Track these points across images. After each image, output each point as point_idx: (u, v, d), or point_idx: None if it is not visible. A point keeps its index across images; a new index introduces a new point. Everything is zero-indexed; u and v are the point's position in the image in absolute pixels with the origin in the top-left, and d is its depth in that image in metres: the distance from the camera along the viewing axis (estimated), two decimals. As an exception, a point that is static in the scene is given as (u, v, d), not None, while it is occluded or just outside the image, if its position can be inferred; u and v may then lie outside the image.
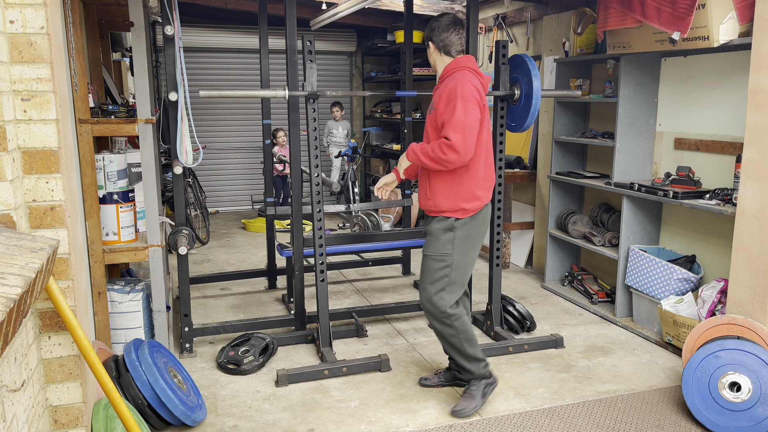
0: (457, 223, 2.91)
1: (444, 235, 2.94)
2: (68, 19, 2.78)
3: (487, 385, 3.04)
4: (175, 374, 2.87)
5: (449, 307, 2.93)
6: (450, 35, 2.93)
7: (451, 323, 2.95)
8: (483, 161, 2.94)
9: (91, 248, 3.01)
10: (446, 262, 2.94)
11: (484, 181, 2.96)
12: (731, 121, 3.64)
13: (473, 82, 2.85)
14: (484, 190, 2.96)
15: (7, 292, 1.47)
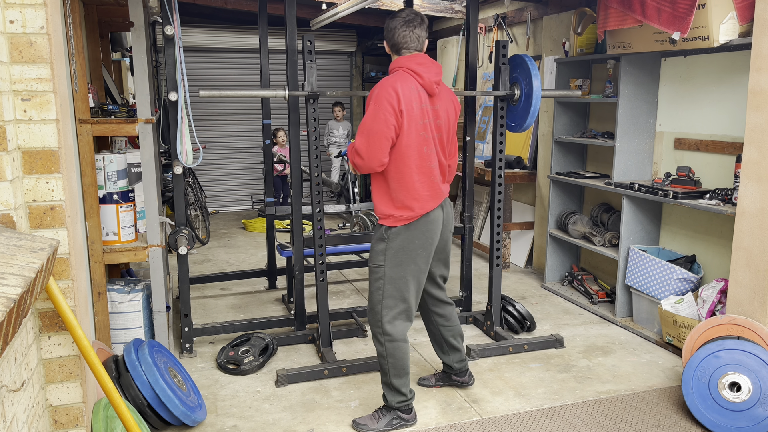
0: (389, 232, 2.72)
1: (377, 245, 2.77)
2: (68, 19, 2.78)
3: (398, 419, 2.84)
4: (175, 374, 2.87)
5: (386, 324, 2.75)
6: (402, 32, 2.72)
7: (383, 341, 2.77)
8: (417, 170, 2.70)
9: (91, 248, 3.01)
10: (378, 273, 2.76)
11: (420, 191, 2.71)
12: (731, 121, 3.64)
13: (397, 87, 2.62)
14: (420, 201, 2.71)
15: (7, 292, 1.47)
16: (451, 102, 2.86)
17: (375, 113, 2.62)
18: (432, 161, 2.75)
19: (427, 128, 2.72)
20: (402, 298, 2.77)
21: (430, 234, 2.77)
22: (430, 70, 2.71)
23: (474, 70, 4.03)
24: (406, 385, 2.83)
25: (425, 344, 3.85)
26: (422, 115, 2.68)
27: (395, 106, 2.61)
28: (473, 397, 3.16)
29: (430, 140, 2.73)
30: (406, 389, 2.84)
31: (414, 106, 2.65)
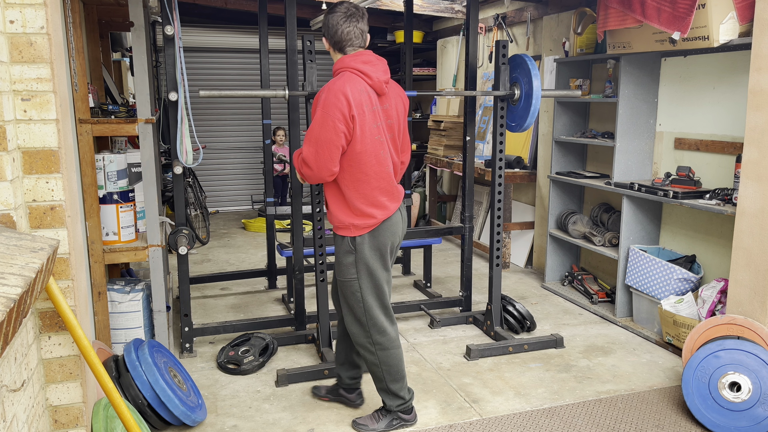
0: (354, 243, 2.63)
1: (345, 258, 2.66)
2: (68, 19, 2.78)
3: (398, 419, 2.82)
4: (175, 374, 2.87)
5: (376, 334, 2.70)
6: (344, 28, 2.57)
7: (374, 351, 2.72)
8: (376, 176, 2.60)
9: (91, 248, 3.01)
10: (354, 287, 2.67)
11: (380, 198, 2.63)
12: (731, 121, 3.64)
13: (345, 90, 2.48)
14: (381, 208, 2.63)
15: (7, 292, 1.47)
16: (400, 98, 2.73)
17: (323, 120, 2.47)
18: (389, 165, 2.65)
19: (381, 131, 2.59)
20: (383, 305, 2.73)
21: (394, 236, 2.72)
22: (377, 68, 2.58)
23: (474, 70, 4.03)
24: (403, 388, 2.80)
25: (425, 344, 3.85)
26: (374, 118, 2.56)
27: (345, 113, 2.47)
28: (473, 397, 3.16)
29: (384, 143, 2.62)
30: (404, 392, 2.81)
31: (365, 109, 2.52)
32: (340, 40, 2.60)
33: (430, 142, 6.75)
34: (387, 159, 2.64)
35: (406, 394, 2.83)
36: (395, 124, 2.68)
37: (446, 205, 7.31)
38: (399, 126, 2.72)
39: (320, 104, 2.50)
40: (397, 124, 2.70)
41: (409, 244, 4.67)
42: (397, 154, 2.77)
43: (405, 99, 2.78)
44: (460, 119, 6.40)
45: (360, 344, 2.77)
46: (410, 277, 5.38)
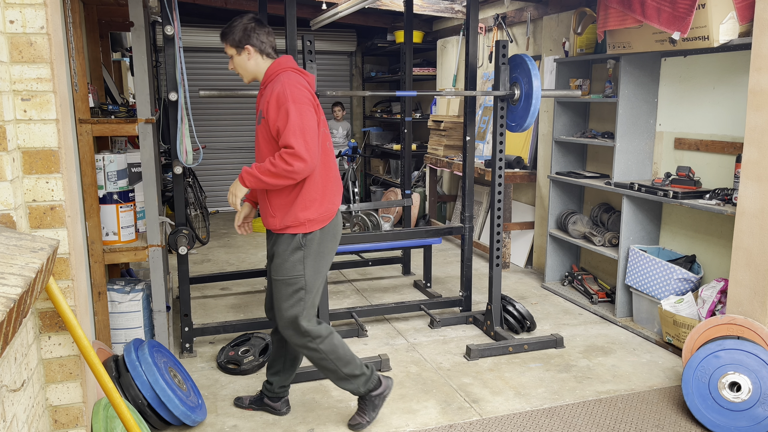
0: (305, 239, 2.61)
1: (293, 255, 2.61)
2: (68, 19, 2.78)
3: (376, 397, 2.82)
4: (175, 374, 2.87)
5: (311, 331, 2.68)
6: (266, 35, 2.67)
7: (316, 347, 2.70)
8: (333, 164, 2.70)
9: (91, 248, 3.01)
10: (299, 284, 2.62)
11: (332, 187, 2.68)
12: (731, 121, 3.64)
13: (301, 82, 2.57)
14: (334, 196, 2.68)
15: (7, 292, 1.47)
16: None
17: (300, 111, 2.48)
18: (331, 156, 2.73)
19: (323, 124, 2.68)
20: (314, 303, 2.73)
21: (339, 234, 2.78)
22: (304, 73, 2.68)
23: (474, 70, 4.03)
24: (357, 364, 2.79)
25: (425, 344, 3.85)
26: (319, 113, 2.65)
27: (312, 101, 2.56)
28: (473, 397, 3.16)
29: (325, 136, 2.70)
30: (359, 368, 2.79)
31: (318, 111, 2.63)
32: (267, 45, 2.68)
33: (430, 142, 6.75)
34: (332, 152, 2.74)
35: (364, 369, 2.80)
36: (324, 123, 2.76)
37: (446, 205, 7.31)
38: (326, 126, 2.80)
39: (288, 99, 2.48)
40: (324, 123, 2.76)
41: (409, 244, 4.67)
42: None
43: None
44: (460, 119, 6.40)
45: (300, 345, 2.71)
46: (410, 277, 5.38)
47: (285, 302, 2.66)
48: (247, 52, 2.65)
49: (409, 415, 2.99)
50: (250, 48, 2.64)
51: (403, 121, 5.09)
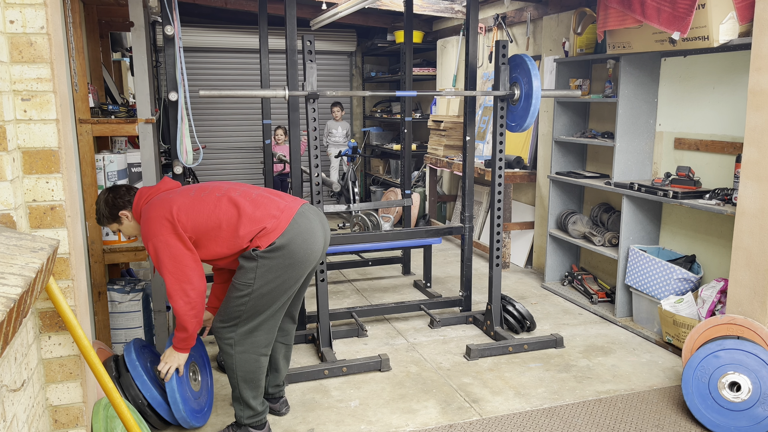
0: (257, 252, 2.51)
1: (248, 263, 2.53)
2: (68, 19, 2.78)
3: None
4: (195, 369, 2.85)
5: (235, 338, 2.59)
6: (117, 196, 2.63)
7: (233, 353, 2.61)
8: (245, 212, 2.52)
9: (92, 248, 3.01)
10: (245, 291, 2.52)
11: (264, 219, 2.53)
12: (731, 121, 3.64)
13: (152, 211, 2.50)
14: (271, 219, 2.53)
15: (7, 292, 1.47)
16: None
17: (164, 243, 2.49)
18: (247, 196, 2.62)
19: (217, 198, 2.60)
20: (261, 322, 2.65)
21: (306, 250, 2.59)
22: None
23: (474, 70, 4.03)
24: (257, 399, 2.70)
25: (425, 344, 3.85)
26: None
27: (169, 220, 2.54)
28: (473, 397, 3.16)
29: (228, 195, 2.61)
30: (258, 404, 2.70)
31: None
32: (125, 200, 2.65)
33: (430, 142, 6.75)
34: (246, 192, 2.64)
35: (259, 406, 2.71)
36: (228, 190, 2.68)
37: (446, 205, 7.31)
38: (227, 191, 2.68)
39: (148, 238, 2.51)
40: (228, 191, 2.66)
41: (409, 244, 4.67)
42: None
43: None
44: (460, 119, 6.40)
45: (221, 347, 2.65)
46: (410, 276, 5.38)
47: (228, 302, 2.60)
48: (124, 217, 2.64)
49: (409, 414, 3.00)
50: (124, 212, 2.64)
51: (403, 121, 5.09)
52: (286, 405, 3.01)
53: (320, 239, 2.63)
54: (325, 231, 2.70)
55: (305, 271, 2.60)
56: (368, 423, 2.92)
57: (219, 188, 2.63)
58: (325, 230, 2.70)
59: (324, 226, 2.70)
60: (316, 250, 2.60)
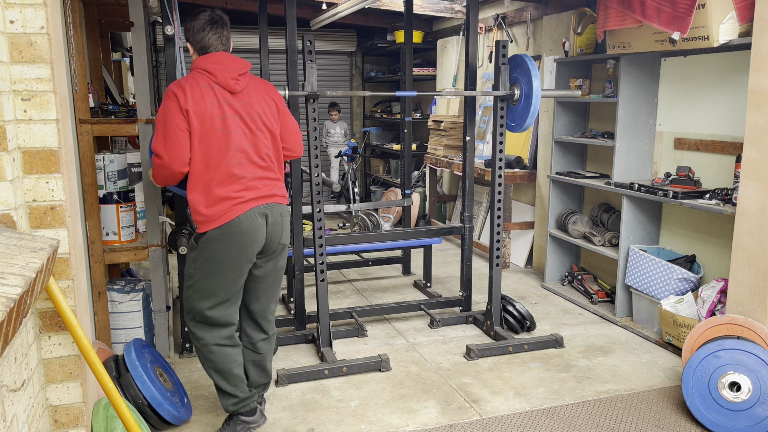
0: (199, 240, 2.55)
1: (190, 252, 2.61)
2: (68, 19, 2.78)
3: (241, 423, 2.75)
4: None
5: (195, 330, 2.64)
6: (207, 35, 2.64)
7: (199, 346, 2.66)
8: (225, 161, 2.53)
9: (92, 248, 3.01)
10: (189, 282, 2.60)
11: (228, 184, 2.54)
12: (731, 121, 3.64)
13: (189, 85, 2.52)
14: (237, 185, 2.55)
15: (7, 292, 1.47)
16: (267, 94, 2.72)
17: (164, 111, 2.50)
18: (237, 158, 2.57)
19: (228, 124, 2.55)
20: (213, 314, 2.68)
21: (250, 241, 2.58)
22: (228, 67, 2.60)
23: (474, 70, 4.03)
24: (235, 385, 2.71)
25: (425, 344, 3.85)
26: (220, 111, 2.54)
27: (180, 106, 2.49)
28: (473, 397, 3.16)
29: (232, 135, 2.56)
30: (235, 389, 2.71)
31: (207, 103, 2.52)
32: (204, 45, 2.66)
33: (430, 142, 6.75)
34: (233, 151, 2.56)
35: (241, 393, 2.73)
36: (260, 118, 2.64)
37: (446, 205, 7.31)
38: (268, 119, 2.67)
39: (163, 98, 2.57)
40: (263, 119, 2.65)
41: (409, 244, 4.67)
42: (270, 145, 2.68)
43: (274, 95, 2.75)
44: (460, 119, 6.40)
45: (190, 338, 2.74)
46: (410, 276, 5.38)
47: (182, 293, 2.73)
48: (189, 49, 2.73)
49: (409, 414, 3.00)
50: (189, 45, 2.71)
51: (403, 121, 5.09)
52: (263, 416, 2.88)
53: (256, 244, 2.60)
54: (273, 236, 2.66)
55: (235, 270, 2.59)
56: (368, 423, 2.92)
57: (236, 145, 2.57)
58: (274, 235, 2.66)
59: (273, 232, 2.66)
60: (246, 254, 2.58)
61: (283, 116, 2.78)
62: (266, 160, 2.66)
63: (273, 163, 2.70)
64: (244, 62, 2.70)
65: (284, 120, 2.78)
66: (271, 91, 2.76)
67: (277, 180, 2.70)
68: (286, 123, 2.79)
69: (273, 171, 2.69)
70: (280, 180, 2.72)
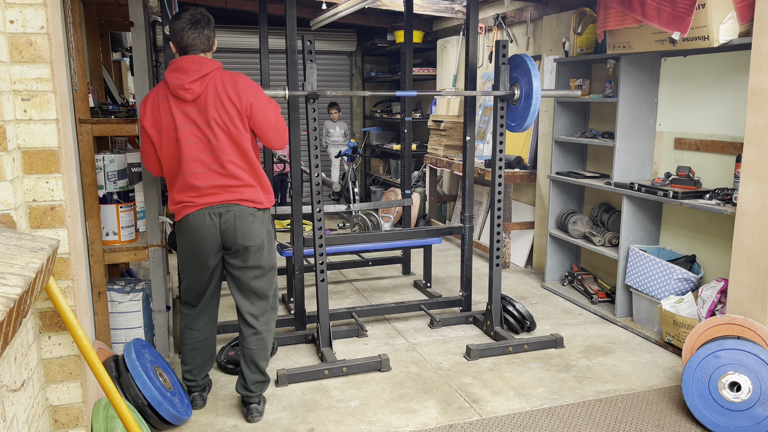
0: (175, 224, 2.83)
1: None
2: (68, 19, 2.78)
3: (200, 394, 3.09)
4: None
5: (183, 306, 2.99)
6: (185, 35, 2.62)
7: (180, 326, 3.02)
8: (181, 171, 2.65)
9: (91, 248, 3.01)
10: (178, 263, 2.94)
11: (177, 186, 2.69)
12: (731, 121, 3.64)
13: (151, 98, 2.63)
14: (180, 194, 2.69)
15: (7, 292, 1.47)
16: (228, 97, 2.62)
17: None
18: (192, 168, 2.63)
19: (183, 133, 2.60)
20: (187, 288, 2.95)
21: (198, 239, 2.72)
22: (183, 75, 2.58)
23: (474, 70, 4.03)
24: (186, 365, 3.01)
25: (425, 344, 3.85)
26: (172, 123, 2.59)
27: (140, 121, 2.68)
28: (473, 397, 3.16)
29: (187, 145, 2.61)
30: (186, 371, 3.02)
31: (163, 115, 2.60)
32: (183, 46, 2.64)
33: (430, 142, 6.75)
34: (187, 162, 2.63)
35: (188, 374, 3.01)
36: (217, 124, 2.61)
37: (446, 205, 7.31)
38: (225, 124, 2.62)
39: None
40: (220, 124, 2.62)
41: (409, 244, 4.67)
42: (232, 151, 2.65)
43: (236, 95, 2.64)
44: (460, 119, 6.40)
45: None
46: (410, 276, 5.38)
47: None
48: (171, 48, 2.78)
49: (409, 414, 3.00)
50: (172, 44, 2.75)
51: (403, 121, 5.09)
52: (253, 413, 2.92)
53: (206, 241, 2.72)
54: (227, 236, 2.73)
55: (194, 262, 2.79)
56: (368, 423, 2.92)
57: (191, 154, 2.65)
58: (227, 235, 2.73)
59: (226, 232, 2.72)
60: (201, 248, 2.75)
61: (254, 113, 2.68)
62: (227, 167, 2.65)
63: (239, 168, 2.67)
64: (208, 65, 2.63)
65: (255, 117, 2.69)
66: (233, 92, 2.64)
67: (240, 187, 2.69)
68: (259, 120, 2.70)
69: (236, 178, 2.68)
70: (246, 186, 2.70)
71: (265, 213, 2.82)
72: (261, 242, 2.79)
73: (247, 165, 2.70)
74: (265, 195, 2.80)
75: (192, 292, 2.92)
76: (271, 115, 2.74)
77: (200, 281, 2.87)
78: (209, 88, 2.61)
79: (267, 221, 2.83)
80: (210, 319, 3.03)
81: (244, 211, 2.71)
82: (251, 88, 2.69)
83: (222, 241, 2.74)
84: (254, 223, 2.74)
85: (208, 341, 3.04)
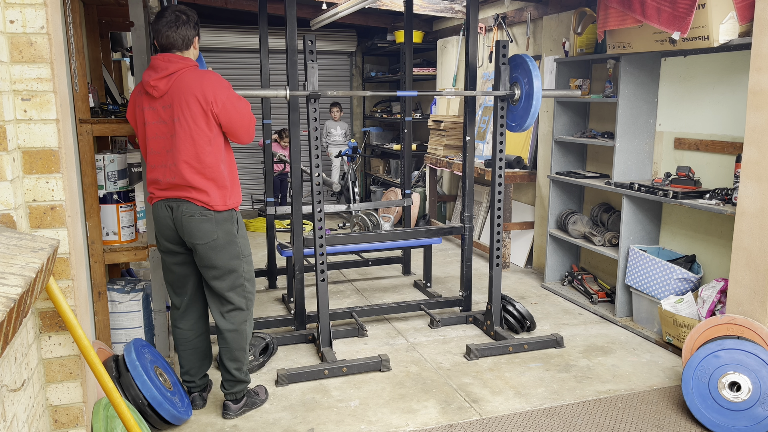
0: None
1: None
2: (68, 19, 2.78)
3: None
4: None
5: (171, 304, 3.02)
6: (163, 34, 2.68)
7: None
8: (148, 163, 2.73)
9: (92, 248, 3.01)
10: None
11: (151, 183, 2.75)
12: (731, 121, 3.64)
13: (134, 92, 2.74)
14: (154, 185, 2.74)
15: (7, 292, 1.47)
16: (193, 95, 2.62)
17: None
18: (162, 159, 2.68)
19: (152, 129, 2.68)
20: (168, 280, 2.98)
21: (160, 227, 2.80)
22: (154, 71, 2.62)
23: (474, 70, 4.03)
24: (182, 365, 3.03)
25: (425, 344, 3.85)
26: (145, 118, 2.68)
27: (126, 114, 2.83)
28: (473, 397, 3.16)
29: (155, 140, 2.68)
30: (182, 368, 3.03)
31: (137, 110, 2.72)
32: (162, 44, 2.70)
33: (430, 142, 6.75)
34: (152, 155, 2.71)
35: (185, 374, 3.04)
36: (179, 122, 2.62)
37: (446, 205, 7.31)
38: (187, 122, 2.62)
39: None
40: (182, 122, 2.62)
41: (409, 244, 4.67)
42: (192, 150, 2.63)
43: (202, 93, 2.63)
44: (460, 119, 6.40)
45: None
46: (410, 277, 5.38)
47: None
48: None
49: (409, 414, 3.00)
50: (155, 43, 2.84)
51: (403, 121, 5.09)
52: (227, 410, 2.96)
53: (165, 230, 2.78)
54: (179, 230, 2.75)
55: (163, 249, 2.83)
56: (368, 423, 2.92)
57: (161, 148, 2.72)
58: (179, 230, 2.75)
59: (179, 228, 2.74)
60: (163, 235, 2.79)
61: (222, 110, 2.66)
62: (179, 166, 2.64)
63: (192, 169, 2.65)
64: (177, 63, 2.66)
65: (223, 113, 2.67)
66: (199, 90, 2.62)
67: (188, 188, 2.66)
68: (227, 116, 2.69)
69: (184, 178, 2.65)
70: (193, 188, 2.66)
71: (221, 214, 2.73)
72: (212, 242, 2.72)
73: (201, 166, 2.65)
74: (221, 197, 2.71)
75: (171, 286, 2.94)
76: (240, 113, 2.74)
77: (174, 273, 2.88)
78: (175, 86, 2.63)
79: (225, 222, 2.74)
80: (198, 318, 2.98)
81: (191, 208, 2.70)
82: (219, 86, 2.69)
83: (178, 235, 2.79)
84: (203, 222, 2.70)
85: (199, 341, 3.01)
